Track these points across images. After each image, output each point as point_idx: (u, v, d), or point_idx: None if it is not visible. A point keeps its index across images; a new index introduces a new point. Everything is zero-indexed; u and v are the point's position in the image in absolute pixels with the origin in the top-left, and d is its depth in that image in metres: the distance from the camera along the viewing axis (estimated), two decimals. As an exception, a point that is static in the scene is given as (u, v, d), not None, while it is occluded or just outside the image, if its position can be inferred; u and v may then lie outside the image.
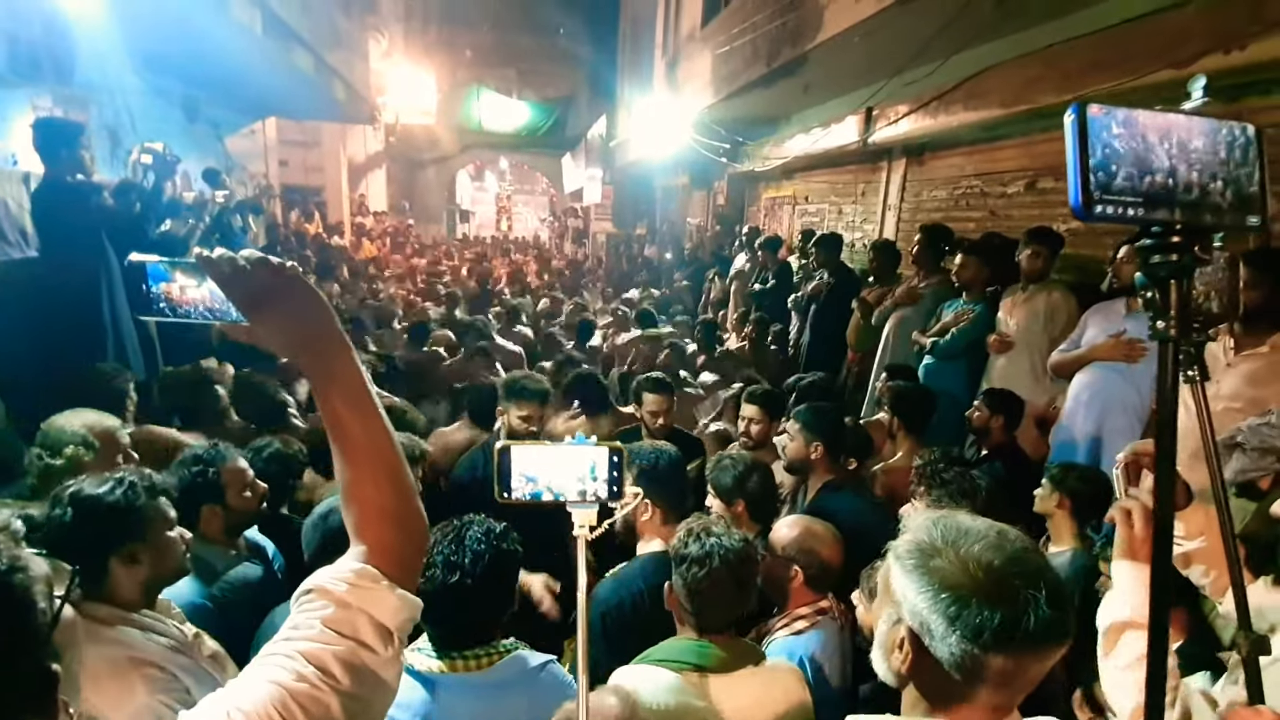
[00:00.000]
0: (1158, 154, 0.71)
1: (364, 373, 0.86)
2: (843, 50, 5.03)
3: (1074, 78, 3.94)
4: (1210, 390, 2.63)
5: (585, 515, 1.10)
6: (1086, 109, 0.69)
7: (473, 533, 1.45)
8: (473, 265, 11.61)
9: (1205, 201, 0.73)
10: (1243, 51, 3.21)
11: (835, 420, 2.69)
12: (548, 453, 1.10)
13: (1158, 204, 0.71)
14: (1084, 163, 0.69)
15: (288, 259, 0.86)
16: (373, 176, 17.22)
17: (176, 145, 6.63)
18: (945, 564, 0.85)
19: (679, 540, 1.63)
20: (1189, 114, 0.75)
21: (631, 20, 14.51)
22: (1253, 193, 0.76)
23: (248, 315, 0.82)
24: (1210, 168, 0.74)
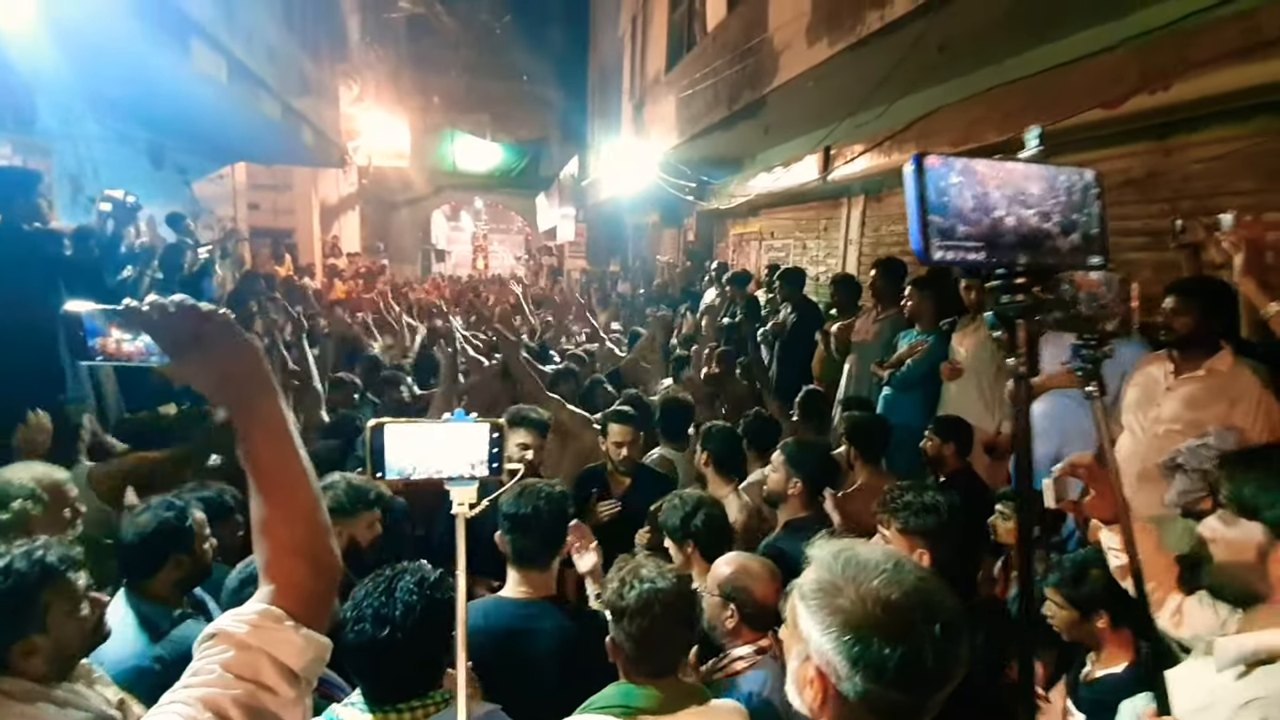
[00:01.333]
0: (997, 200, 0.75)
1: (287, 414, 0.89)
2: (799, 93, 5.22)
3: (1014, 117, 4.12)
4: (1151, 414, 2.74)
5: (464, 493, 1.10)
6: (924, 160, 0.74)
7: (404, 583, 1.39)
8: (459, 296, 11.63)
9: (1046, 244, 0.78)
10: (1167, 91, 3.39)
11: (819, 459, 2.70)
12: (425, 431, 1.11)
13: (998, 248, 0.76)
14: (923, 210, 0.73)
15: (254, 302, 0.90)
16: (346, 218, 17.23)
17: (142, 191, 6.61)
18: (846, 602, 0.86)
19: (613, 592, 1.58)
20: (1027, 162, 0.79)
21: (600, 66, 14.90)
22: (1094, 234, 0.80)
23: (172, 358, 0.86)
24: (1050, 212, 0.79)
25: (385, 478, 1.13)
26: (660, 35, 9.27)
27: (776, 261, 7.88)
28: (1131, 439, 2.82)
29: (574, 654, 1.78)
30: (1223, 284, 2.47)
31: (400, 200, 20.87)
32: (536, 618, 1.86)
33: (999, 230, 0.75)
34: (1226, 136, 3.46)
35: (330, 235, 15.75)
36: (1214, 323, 2.50)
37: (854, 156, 5.67)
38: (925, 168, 0.73)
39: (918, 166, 0.73)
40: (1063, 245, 0.79)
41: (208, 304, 0.88)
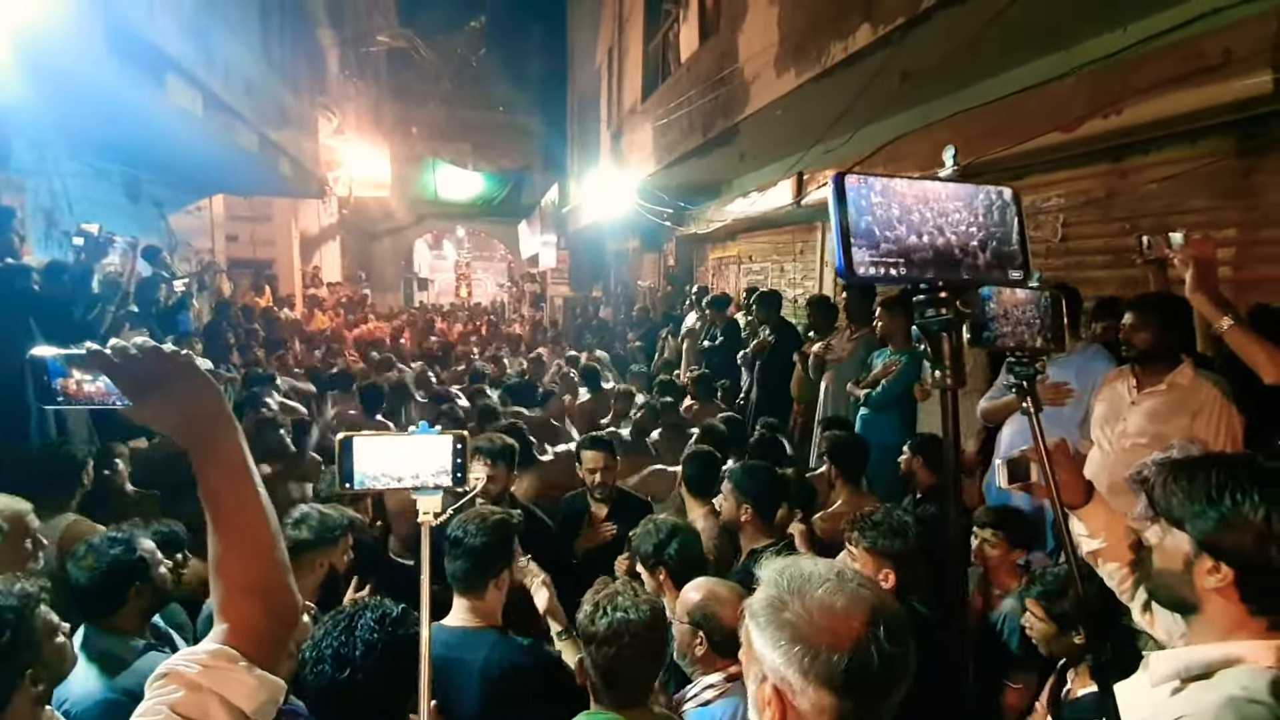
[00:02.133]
0: (916, 218, 0.79)
1: (245, 453, 0.90)
2: (769, 122, 5.35)
3: (976, 142, 4.24)
4: (1118, 428, 2.80)
5: (430, 502, 1.13)
6: (845, 180, 0.78)
7: (365, 620, 1.35)
8: (421, 331, 11.60)
9: (965, 260, 0.82)
10: (1119, 115, 3.52)
11: (766, 480, 2.67)
12: (391, 443, 1.15)
13: (919, 264, 0.79)
14: (845, 229, 0.76)
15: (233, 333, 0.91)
16: (327, 248, 17.19)
17: (118, 225, 6.59)
18: (793, 616, 0.87)
19: (585, 615, 1.58)
20: (944, 180, 0.84)
21: (578, 96, 15.14)
22: (1013, 250, 0.84)
23: (132, 400, 0.86)
24: (968, 229, 0.83)
25: (353, 488, 1.14)
26: (636, 66, 9.46)
27: (756, 284, 7.97)
28: (1100, 453, 2.88)
29: (500, 687, 1.74)
30: (1179, 299, 2.55)
31: (382, 230, 20.89)
32: (466, 647, 1.81)
33: (919, 247, 0.79)
34: (1177, 158, 3.59)
35: (311, 265, 15.70)
36: (1173, 337, 2.57)
37: (825, 182, 5.79)
38: (846, 188, 0.77)
39: (838, 187, 0.77)
40: (982, 261, 0.82)
41: (170, 344, 0.90)
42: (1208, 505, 1.05)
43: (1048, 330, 1.40)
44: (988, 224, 0.83)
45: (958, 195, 0.83)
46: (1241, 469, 1.06)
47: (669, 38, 8.10)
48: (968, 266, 0.82)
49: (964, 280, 0.82)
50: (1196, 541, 1.07)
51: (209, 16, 5.65)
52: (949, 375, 0.83)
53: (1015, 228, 0.85)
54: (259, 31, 7.60)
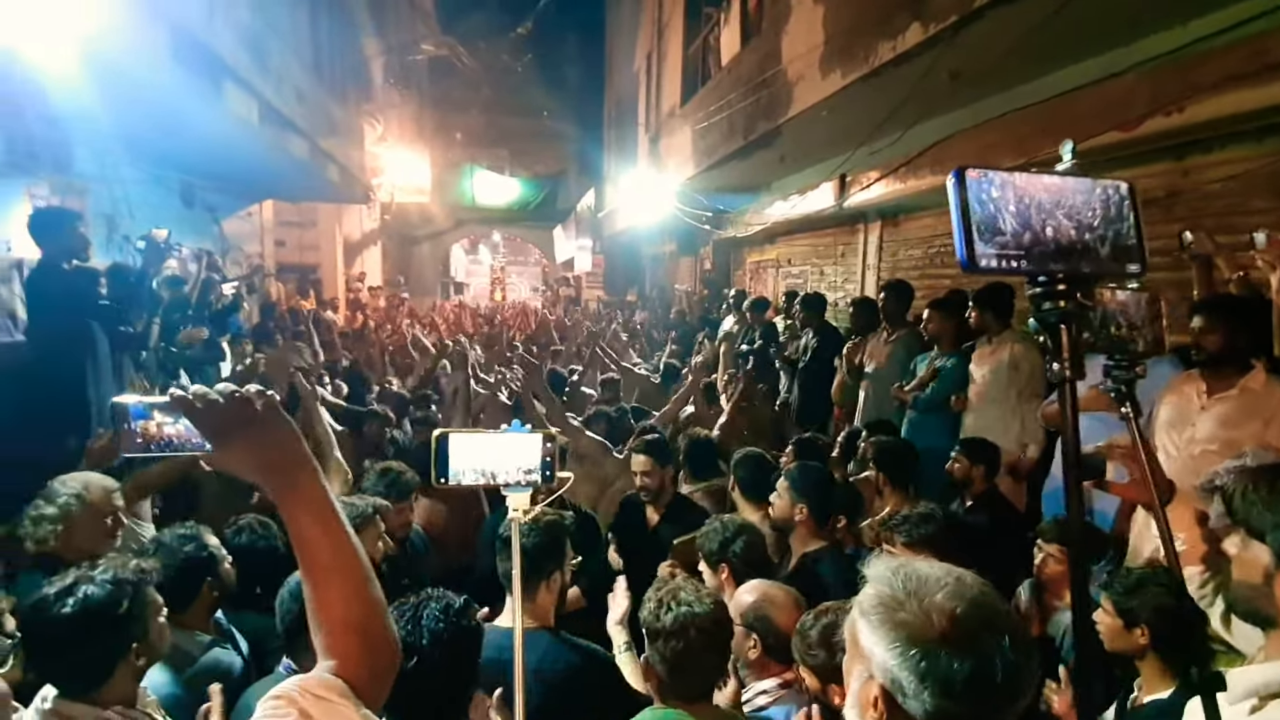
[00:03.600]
0: (1036, 212, 0.78)
1: (328, 491, 0.91)
2: (813, 123, 5.30)
3: (1028, 141, 4.15)
4: (1185, 434, 2.69)
5: (519, 499, 1.15)
6: (965, 174, 0.77)
7: (430, 610, 1.37)
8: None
9: (1085, 253, 0.80)
10: (1181, 114, 3.41)
11: (823, 481, 2.65)
12: (485, 440, 1.18)
13: (1039, 257, 0.78)
14: (966, 222, 0.75)
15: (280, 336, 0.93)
16: (369, 253, 17.59)
17: (174, 228, 6.82)
18: (910, 616, 0.84)
19: (649, 612, 1.58)
20: (1063, 175, 0.82)
21: (616, 100, 15.23)
22: (1131, 244, 0.82)
23: (214, 445, 0.87)
24: (1088, 222, 0.81)
25: (448, 483, 1.17)
26: (675, 70, 9.48)
27: (794, 288, 7.90)
28: (1166, 459, 2.77)
29: (555, 688, 1.74)
30: (1248, 299, 2.45)
31: (421, 234, 21.29)
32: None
33: (1039, 240, 0.78)
34: (1242, 157, 3.46)
35: (354, 269, 16.08)
36: (1243, 339, 2.47)
37: (870, 183, 5.72)
38: (967, 180, 0.76)
39: (959, 179, 0.77)
40: (1101, 254, 0.81)
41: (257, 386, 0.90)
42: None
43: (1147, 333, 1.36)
44: (1106, 217, 0.82)
45: (1077, 188, 0.82)
46: None
47: (709, 41, 8.10)
48: (1089, 259, 0.80)
49: (1085, 273, 0.80)
50: (1277, 554, 1.02)
51: (264, 26, 5.83)
52: (1068, 367, 0.81)
53: (1132, 221, 0.84)
54: (309, 41, 7.83)
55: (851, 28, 4.53)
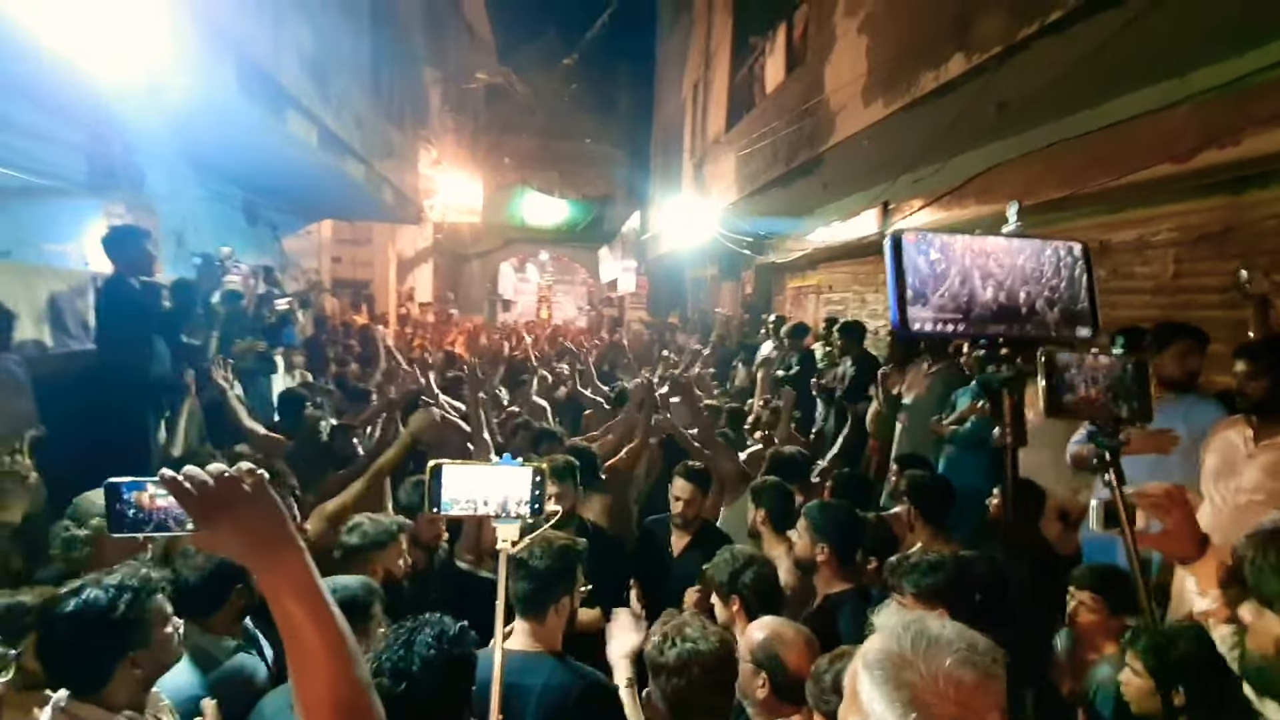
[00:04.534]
0: (977, 274, 0.77)
1: (314, 572, 0.91)
2: (855, 151, 5.28)
3: (1078, 173, 4.04)
4: (1231, 483, 2.56)
5: (509, 530, 1.17)
6: (902, 237, 0.76)
7: (423, 636, 1.37)
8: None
9: (1029, 316, 0.78)
10: (1237, 146, 3.28)
11: (846, 520, 2.55)
12: (476, 472, 1.20)
13: (979, 320, 0.76)
14: (900, 286, 0.75)
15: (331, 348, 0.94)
16: (421, 269, 18.14)
17: (237, 246, 7.21)
18: (916, 678, 0.81)
19: (654, 646, 1.57)
20: (1008, 237, 0.81)
21: (663, 127, 15.43)
22: (1081, 307, 0.80)
23: (200, 525, 0.88)
24: (1034, 285, 0.79)
25: (440, 513, 1.20)
26: (721, 98, 9.57)
27: (834, 315, 7.81)
28: (1211, 510, 2.64)
29: (558, 713, 1.73)
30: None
31: (471, 253, 21.86)
32: (525, 672, 1.80)
33: (978, 303, 0.76)
34: (1306, 192, 3.30)
35: (406, 285, 16.59)
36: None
37: (913, 211, 5.64)
38: (903, 245, 0.76)
39: (895, 244, 0.76)
40: (1048, 318, 0.79)
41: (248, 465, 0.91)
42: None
43: (1134, 399, 1.29)
44: (1055, 280, 0.80)
45: (1023, 251, 0.81)
46: None
47: (754, 70, 8.16)
48: (1034, 323, 0.79)
49: (1029, 336, 0.79)
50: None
51: (326, 55, 6.15)
52: (1009, 433, 0.79)
53: (1085, 284, 0.82)
54: (369, 69, 8.21)
55: (895, 57, 4.52)
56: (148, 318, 3.77)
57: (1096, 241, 4.36)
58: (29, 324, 4.58)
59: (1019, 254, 0.80)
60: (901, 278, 0.75)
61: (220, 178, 7.02)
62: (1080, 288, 0.81)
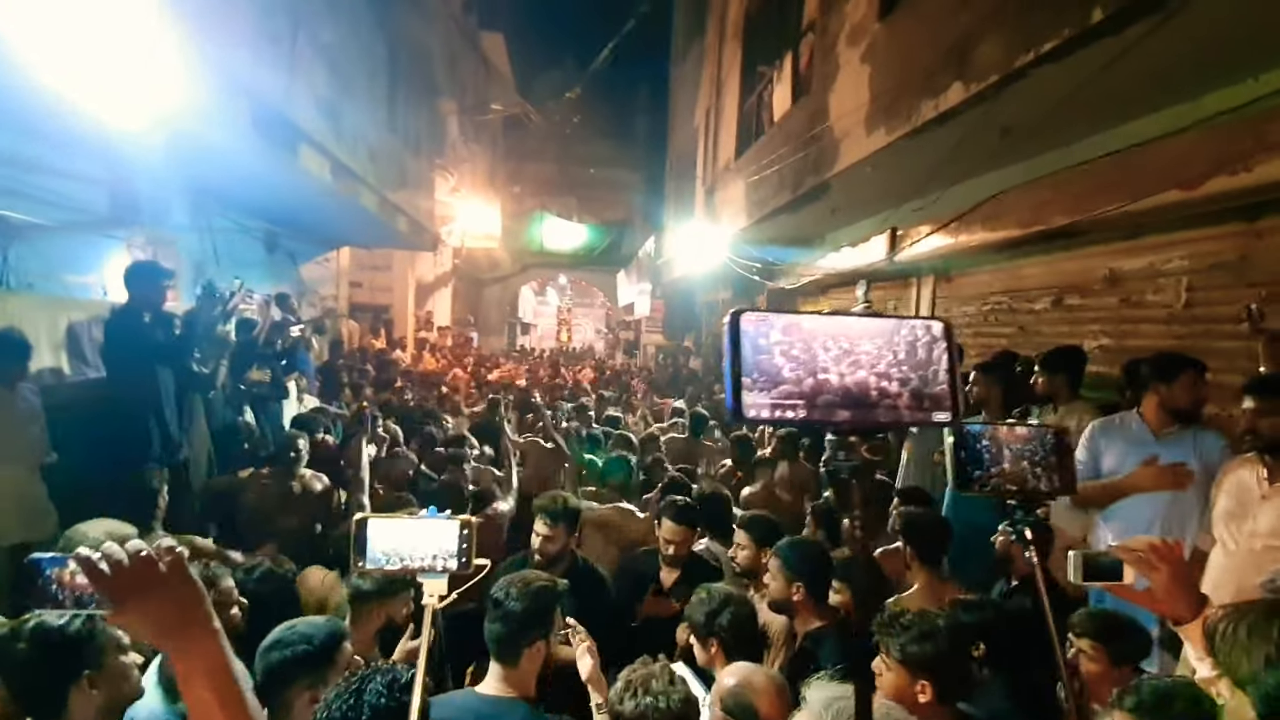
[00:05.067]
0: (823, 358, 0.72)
1: (225, 654, 0.91)
2: (859, 178, 5.26)
3: (1085, 199, 3.97)
4: (1246, 526, 2.45)
5: (436, 585, 1.15)
6: (740, 319, 0.72)
7: (374, 685, 1.36)
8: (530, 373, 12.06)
9: (879, 402, 0.73)
10: (1250, 173, 3.20)
11: (818, 558, 2.49)
12: (402, 526, 1.18)
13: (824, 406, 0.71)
14: (735, 370, 0.71)
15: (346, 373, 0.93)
16: (440, 294, 18.37)
17: (256, 274, 7.35)
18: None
19: (615, 693, 1.55)
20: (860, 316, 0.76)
21: (677, 154, 15.57)
22: (939, 390, 0.75)
23: (110, 606, 0.87)
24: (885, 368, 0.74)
25: (366, 567, 1.18)
26: (731, 125, 9.63)
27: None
28: (1224, 554, 2.52)
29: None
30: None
31: (489, 278, 22.12)
32: (496, 717, 1.77)
33: (823, 388, 0.71)
34: (1324, 218, 3.19)
35: (424, 310, 16.79)
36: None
37: (920, 238, 5.58)
38: (742, 326, 0.72)
39: (733, 324, 0.72)
40: (901, 403, 0.73)
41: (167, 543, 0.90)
42: (1267, 665, 0.86)
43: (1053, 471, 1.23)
44: (910, 362, 0.74)
45: (876, 331, 0.75)
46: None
47: (763, 98, 8.21)
48: (884, 409, 0.73)
49: (878, 423, 0.73)
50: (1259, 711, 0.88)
51: (340, 92, 6.32)
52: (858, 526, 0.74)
53: (944, 365, 0.76)
54: (385, 103, 8.40)
55: (896, 86, 4.51)
56: (152, 350, 3.84)
57: (1108, 268, 4.27)
58: (48, 353, 4.70)
59: (871, 335, 0.74)
60: (737, 361, 0.70)
61: (240, 210, 7.20)
62: (939, 368, 0.75)
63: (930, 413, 0.74)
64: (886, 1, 4.80)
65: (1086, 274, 4.42)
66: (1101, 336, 4.31)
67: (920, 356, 0.75)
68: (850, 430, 0.73)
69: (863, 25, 5.15)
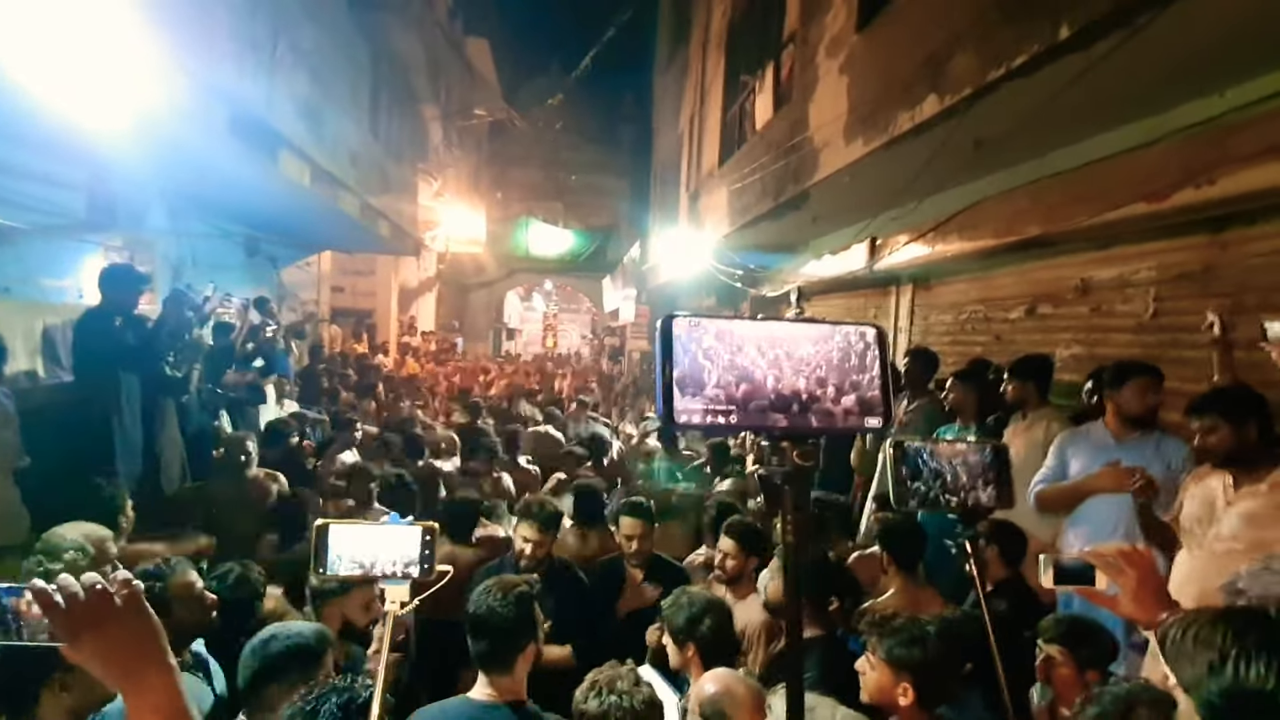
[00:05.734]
0: (756, 363, 0.73)
1: (179, 693, 0.89)
2: (838, 187, 5.32)
3: (1057, 210, 4.05)
4: (1210, 531, 2.50)
5: (398, 591, 1.14)
6: (673, 323, 0.73)
7: (329, 706, 1.33)
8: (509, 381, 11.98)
9: (809, 406, 0.74)
10: (1214, 186, 3.27)
11: (819, 566, 2.54)
12: (364, 531, 1.17)
13: (756, 412, 0.72)
14: (666, 375, 0.71)
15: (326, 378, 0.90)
16: (424, 299, 18.26)
17: (236, 279, 7.27)
18: None
19: (580, 691, 1.56)
20: (793, 321, 0.78)
21: (661, 161, 15.64)
22: (872, 395, 0.76)
23: (64, 640, 0.85)
24: (818, 373, 0.75)
25: (325, 574, 1.18)
26: (714, 133, 9.70)
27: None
28: (1190, 557, 2.57)
29: None
30: (1245, 389, 2.30)
31: (475, 282, 22.03)
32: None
33: (756, 394, 0.72)
34: (1286, 231, 3.27)
35: (408, 315, 16.69)
36: (1251, 432, 2.31)
37: (898, 247, 5.65)
38: (673, 331, 0.72)
39: (664, 330, 0.72)
40: (835, 408, 0.75)
41: (124, 575, 0.89)
42: (1209, 673, 0.88)
43: (993, 485, 1.26)
44: (844, 367, 0.76)
45: (809, 337, 0.76)
46: (1254, 628, 0.89)
47: (746, 107, 8.28)
48: (817, 413, 0.74)
49: (810, 428, 0.74)
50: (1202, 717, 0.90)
51: (321, 97, 6.28)
52: (790, 532, 0.75)
53: (875, 370, 0.77)
54: (368, 109, 8.37)
55: (873, 98, 4.57)
56: (118, 354, 3.80)
57: (1079, 278, 4.35)
58: (23, 357, 4.64)
59: (803, 340, 0.75)
60: (668, 367, 0.71)
61: (220, 214, 7.13)
62: (873, 374, 0.77)
63: (863, 418, 0.75)
64: (865, 13, 4.86)
65: (1059, 284, 4.50)
66: (1073, 345, 4.38)
67: (854, 362, 0.76)
68: (782, 435, 0.74)
69: (841, 37, 5.21)
